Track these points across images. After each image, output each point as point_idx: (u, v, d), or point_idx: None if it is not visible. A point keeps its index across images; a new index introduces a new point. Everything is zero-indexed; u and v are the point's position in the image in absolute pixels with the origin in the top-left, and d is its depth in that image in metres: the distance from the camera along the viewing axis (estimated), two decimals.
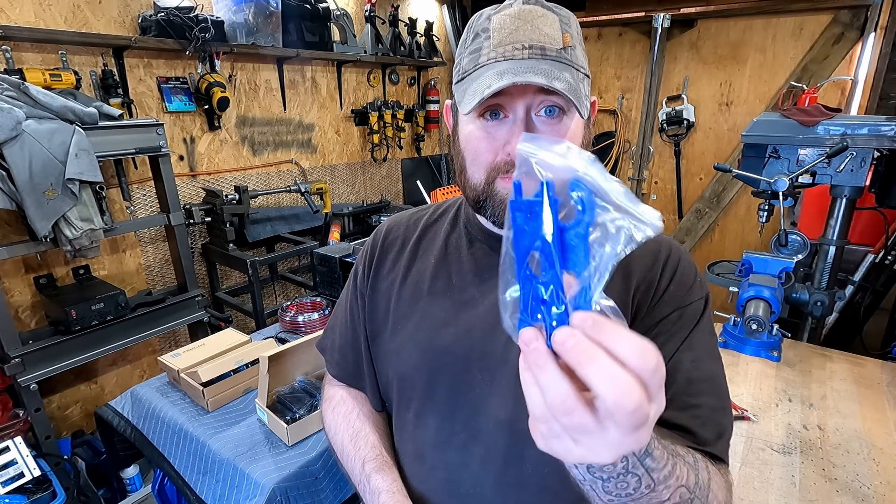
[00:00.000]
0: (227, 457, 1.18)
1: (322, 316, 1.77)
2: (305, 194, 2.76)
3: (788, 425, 1.25)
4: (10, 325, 1.76)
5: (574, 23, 0.60)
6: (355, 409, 0.82)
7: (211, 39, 2.28)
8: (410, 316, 0.73)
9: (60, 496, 1.52)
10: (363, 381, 0.83)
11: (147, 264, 2.42)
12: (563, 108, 0.58)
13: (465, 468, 0.67)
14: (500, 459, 0.65)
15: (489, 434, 0.65)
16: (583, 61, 0.60)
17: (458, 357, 0.68)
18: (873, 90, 2.89)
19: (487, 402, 0.66)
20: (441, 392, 0.69)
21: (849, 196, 1.72)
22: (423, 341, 0.71)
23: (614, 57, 3.78)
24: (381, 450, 0.76)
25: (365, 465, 0.73)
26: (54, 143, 1.63)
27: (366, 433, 0.78)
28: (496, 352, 0.65)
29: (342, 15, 2.98)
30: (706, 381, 0.61)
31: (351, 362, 0.84)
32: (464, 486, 0.67)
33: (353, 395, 0.86)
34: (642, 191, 3.89)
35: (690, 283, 0.66)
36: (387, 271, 0.79)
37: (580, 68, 0.59)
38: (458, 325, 0.69)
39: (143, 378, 2.47)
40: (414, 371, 0.72)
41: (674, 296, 0.64)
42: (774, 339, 1.58)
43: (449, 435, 0.68)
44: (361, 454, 0.75)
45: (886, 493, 1.03)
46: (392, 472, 0.73)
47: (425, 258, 0.75)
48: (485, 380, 0.66)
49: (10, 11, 1.83)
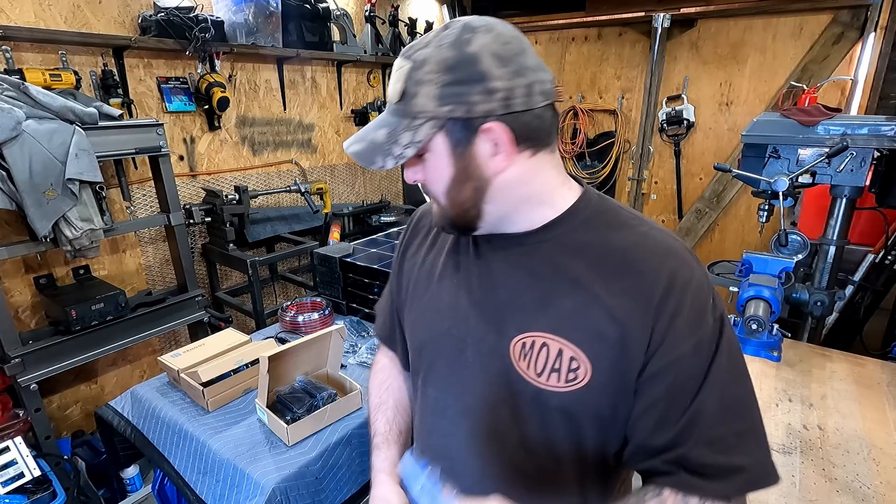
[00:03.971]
0: (227, 457, 1.18)
1: (322, 316, 1.77)
2: (305, 194, 2.76)
3: (788, 425, 1.25)
4: (10, 325, 1.76)
5: (436, 51, 0.61)
6: (388, 380, 0.94)
7: (211, 39, 2.28)
8: (423, 297, 0.81)
9: (60, 496, 1.52)
10: (396, 344, 0.94)
11: (147, 264, 2.42)
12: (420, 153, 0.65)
13: (454, 437, 0.75)
14: (482, 435, 0.72)
15: (476, 411, 0.72)
16: (426, 104, 0.61)
17: (456, 340, 0.74)
18: (873, 90, 2.89)
19: (477, 383, 0.72)
20: (441, 367, 0.77)
21: (849, 196, 1.72)
22: (430, 321, 0.79)
23: (614, 57, 3.78)
24: (391, 426, 0.86)
25: (375, 438, 0.86)
26: (54, 144, 1.63)
27: (386, 407, 0.89)
28: (489, 340, 0.70)
29: (342, 15, 2.98)
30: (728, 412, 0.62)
31: (388, 326, 0.95)
32: (452, 451, 0.76)
33: (392, 361, 0.97)
34: (642, 191, 3.89)
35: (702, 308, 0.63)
36: (412, 253, 0.87)
37: (418, 115, 0.62)
38: (458, 311, 0.74)
39: (143, 378, 2.47)
40: (422, 346, 0.81)
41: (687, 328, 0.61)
42: (774, 338, 1.58)
43: (444, 406, 0.76)
44: (376, 426, 0.87)
45: (886, 493, 1.03)
46: (389, 451, 0.83)
47: (441, 246, 0.81)
48: (476, 363, 0.72)
49: (10, 11, 1.83)
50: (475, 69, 0.59)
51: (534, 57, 0.62)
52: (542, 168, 0.66)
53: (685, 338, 0.61)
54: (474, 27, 0.61)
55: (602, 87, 3.89)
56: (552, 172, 0.67)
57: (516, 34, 0.63)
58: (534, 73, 0.61)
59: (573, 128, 4.03)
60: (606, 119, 3.94)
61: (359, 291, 1.90)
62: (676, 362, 0.61)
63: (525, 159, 0.64)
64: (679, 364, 0.61)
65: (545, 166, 0.66)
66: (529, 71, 0.61)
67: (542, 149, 0.65)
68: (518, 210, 0.68)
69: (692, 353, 0.61)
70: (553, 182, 0.68)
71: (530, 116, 0.62)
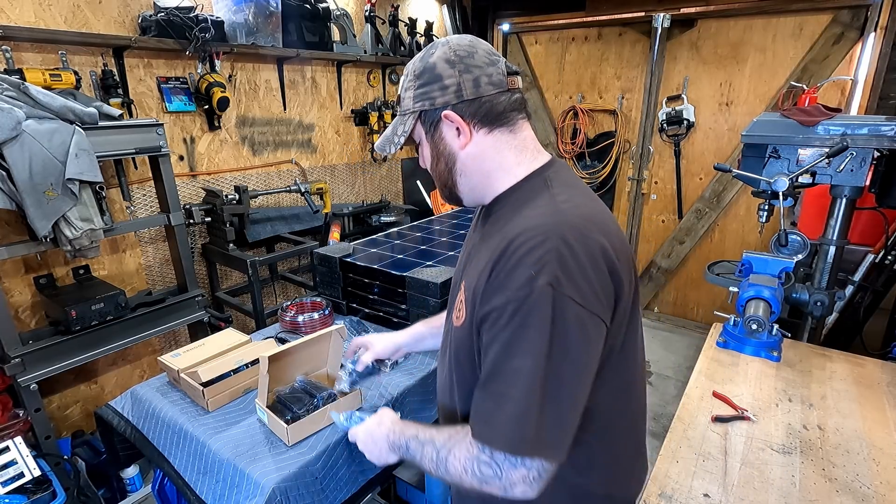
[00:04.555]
0: (227, 457, 1.18)
1: (322, 316, 1.77)
2: (305, 194, 2.76)
3: (788, 425, 1.25)
4: (10, 325, 1.76)
5: (412, 65, 0.84)
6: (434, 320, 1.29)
7: (211, 39, 2.28)
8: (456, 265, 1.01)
9: (60, 496, 1.52)
10: None
11: (147, 264, 2.42)
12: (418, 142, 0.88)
13: (442, 372, 0.98)
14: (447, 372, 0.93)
15: (447, 355, 0.92)
16: (408, 104, 0.84)
17: (453, 294, 0.93)
18: (873, 90, 2.89)
19: (452, 331, 0.89)
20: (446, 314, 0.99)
21: (849, 196, 1.72)
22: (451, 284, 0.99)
23: (614, 57, 3.78)
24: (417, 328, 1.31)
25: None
26: (54, 143, 1.63)
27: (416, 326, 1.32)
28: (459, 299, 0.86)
29: (342, 15, 2.98)
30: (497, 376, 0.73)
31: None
32: (441, 382, 0.98)
33: None
34: (642, 191, 3.89)
35: (519, 275, 0.70)
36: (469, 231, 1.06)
37: (404, 112, 0.85)
38: (459, 267, 0.95)
39: (143, 378, 2.47)
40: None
41: (501, 287, 0.72)
42: (774, 339, 1.58)
43: (442, 349, 0.99)
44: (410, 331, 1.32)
45: (886, 493, 1.03)
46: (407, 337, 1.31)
47: (474, 223, 1.00)
48: (453, 315, 0.89)
49: (10, 11, 1.83)
50: (433, 73, 0.80)
51: (484, 58, 0.80)
52: (499, 146, 0.82)
53: (499, 293, 0.72)
54: (437, 43, 0.82)
55: (602, 87, 3.89)
56: (510, 150, 0.83)
57: (470, 42, 0.81)
58: (480, 70, 0.79)
59: (573, 128, 4.03)
60: (606, 119, 3.94)
61: (359, 291, 1.90)
62: (490, 314, 0.73)
63: (482, 136, 0.82)
64: (490, 316, 0.73)
65: (502, 146, 0.83)
66: (476, 68, 0.79)
67: (498, 127, 0.82)
68: (483, 184, 0.85)
69: (501, 308, 0.71)
70: (511, 159, 0.83)
71: (482, 102, 0.79)
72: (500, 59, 0.82)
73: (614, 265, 0.72)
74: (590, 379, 0.73)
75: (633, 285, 0.79)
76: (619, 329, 0.77)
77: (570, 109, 4.01)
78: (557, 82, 4.10)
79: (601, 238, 0.72)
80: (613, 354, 0.78)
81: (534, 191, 0.81)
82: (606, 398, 0.80)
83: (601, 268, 0.71)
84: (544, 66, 4.13)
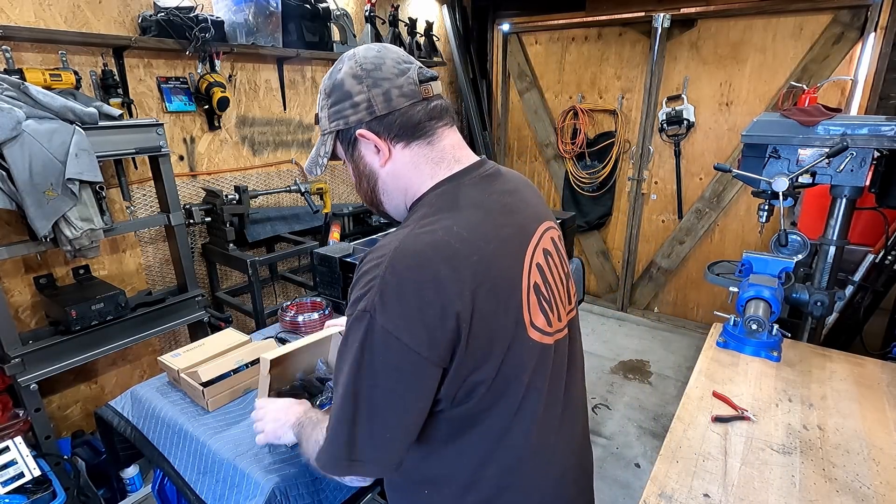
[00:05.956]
0: (227, 457, 1.18)
1: (322, 316, 1.77)
2: (305, 194, 2.76)
3: (788, 425, 1.25)
4: (10, 325, 1.76)
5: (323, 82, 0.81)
6: None
7: (211, 39, 2.28)
8: None
9: (60, 496, 1.52)
10: None
11: (147, 264, 2.42)
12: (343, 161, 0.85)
13: None
14: None
15: None
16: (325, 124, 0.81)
17: None
18: (873, 90, 2.89)
19: None
20: None
21: (849, 196, 1.72)
22: None
23: (614, 57, 3.78)
24: None
25: None
26: (54, 143, 1.63)
27: None
28: None
29: (342, 15, 2.98)
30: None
31: None
32: None
33: None
34: (642, 191, 3.89)
35: (351, 298, 0.71)
36: None
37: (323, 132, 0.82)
38: None
39: (143, 378, 2.47)
40: None
41: (349, 307, 0.72)
42: (774, 339, 1.58)
43: None
44: None
45: (886, 493, 1.03)
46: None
47: None
48: None
49: (10, 11, 1.83)
50: (342, 90, 0.76)
51: (393, 68, 0.75)
52: (417, 161, 0.78)
53: (347, 313, 0.72)
54: (344, 58, 0.78)
55: (602, 87, 3.89)
56: (426, 164, 0.78)
57: (377, 54, 0.77)
58: (390, 82, 0.74)
59: (573, 128, 4.03)
60: (606, 119, 3.94)
61: None
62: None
63: (400, 152, 0.78)
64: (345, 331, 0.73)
65: (419, 160, 0.78)
66: (385, 81, 0.74)
67: (415, 140, 0.77)
68: (403, 201, 0.82)
69: (346, 327, 0.72)
70: (426, 172, 0.79)
71: (395, 116, 0.75)
72: (413, 66, 0.77)
73: (451, 299, 0.65)
74: (412, 408, 0.71)
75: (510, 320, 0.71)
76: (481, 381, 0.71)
77: (570, 109, 4.01)
78: (557, 82, 4.10)
79: (444, 269, 0.66)
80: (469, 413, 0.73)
81: (415, 210, 0.78)
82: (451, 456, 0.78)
83: (428, 300, 0.65)
84: (544, 66, 4.13)
